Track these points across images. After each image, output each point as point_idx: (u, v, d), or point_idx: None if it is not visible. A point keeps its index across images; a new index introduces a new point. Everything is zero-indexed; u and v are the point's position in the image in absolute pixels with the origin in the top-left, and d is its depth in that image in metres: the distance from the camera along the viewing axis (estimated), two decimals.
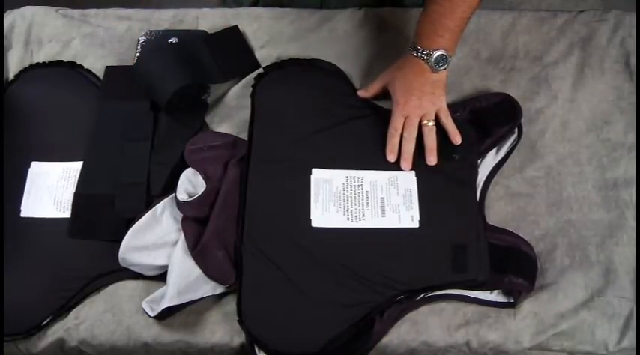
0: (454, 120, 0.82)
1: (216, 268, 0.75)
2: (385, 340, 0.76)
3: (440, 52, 0.77)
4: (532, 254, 0.78)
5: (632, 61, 0.91)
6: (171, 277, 0.74)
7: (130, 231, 0.76)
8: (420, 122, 0.81)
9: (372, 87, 0.86)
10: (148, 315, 0.73)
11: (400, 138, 0.81)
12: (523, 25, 0.94)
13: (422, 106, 0.80)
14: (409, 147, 0.81)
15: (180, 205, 0.76)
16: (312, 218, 0.78)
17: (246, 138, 0.84)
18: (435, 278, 0.76)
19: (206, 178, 0.78)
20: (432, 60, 0.78)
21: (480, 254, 0.76)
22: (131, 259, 0.76)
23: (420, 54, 0.78)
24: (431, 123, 0.81)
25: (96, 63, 0.93)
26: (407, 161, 0.81)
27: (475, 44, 0.92)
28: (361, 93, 0.87)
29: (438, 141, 0.82)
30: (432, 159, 0.81)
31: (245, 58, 0.91)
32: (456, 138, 0.81)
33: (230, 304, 0.77)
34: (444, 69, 0.79)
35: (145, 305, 0.74)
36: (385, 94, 0.85)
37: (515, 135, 0.85)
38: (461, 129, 0.82)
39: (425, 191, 0.80)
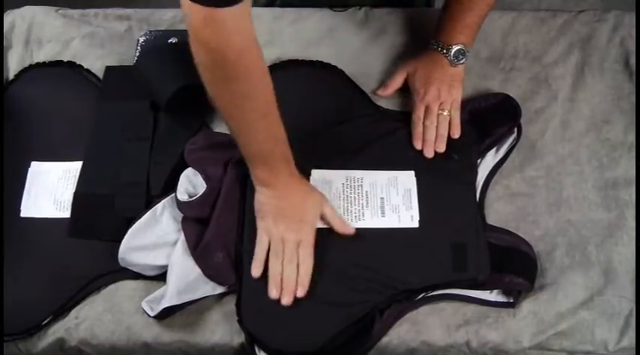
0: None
1: (216, 268, 0.75)
2: (385, 340, 0.76)
3: (458, 47, 0.81)
4: (532, 254, 0.78)
5: (632, 60, 0.91)
6: (171, 277, 0.74)
7: (129, 231, 0.76)
8: None
9: (392, 82, 0.88)
10: (148, 315, 0.73)
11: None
12: (523, 25, 0.94)
13: (440, 96, 0.83)
14: (430, 135, 0.83)
15: (180, 205, 0.76)
16: None
17: None
18: (434, 278, 0.76)
19: (206, 178, 0.78)
20: (452, 54, 0.82)
21: (480, 253, 0.76)
22: (131, 259, 0.76)
23: (440, 48, 0.82)
24: (445, 113, 0.83)
25: (96, 63, 0.93)
26: (430, 148, 0.83)
27: (475, 44, 0.91)
28: (381, 92, 0.88)
29: None
30: (441, 146, 0.83)
31: None
32: (455, 132, 0.83)
33: (230, 304, 0.77)
34: (462, 63, 0.83)
35: (144, 305, 0.74)
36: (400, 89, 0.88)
37: (514, 135, 0.85)
38: (461, 128, 0.83)
39: (424, 191, 0.80)
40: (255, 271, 0.74)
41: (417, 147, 0.83)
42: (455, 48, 0.81)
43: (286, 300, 0.73)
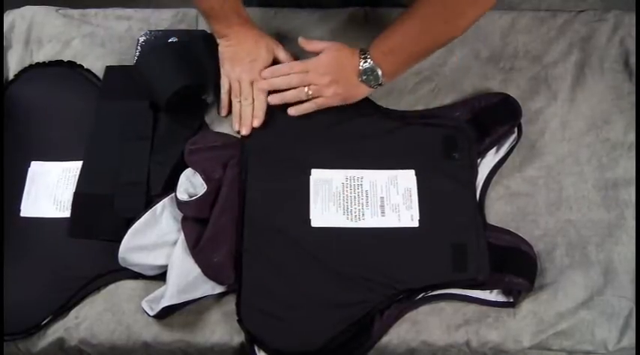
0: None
1: (215, 268, 0.75)
2: (385, 339, 0.76)
3: (373, 66, 0.78)
4: (532, 253, 0.78)
5: (632, 60, 0.91)
6: (170, 276, 0.74)
7: (129, 231, 0.76)
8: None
9: (318, 44, 0.84)
10: (148, 314, 0.74)
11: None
12: (523, 24, 0.94)
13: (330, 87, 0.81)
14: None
15: (180, 205, 0.76)
16: (311, 218, 0.78)
17: None
18: (434, 277, 0.76)
19: (206, 179, 0.78)
20: (362, 67, 0.79)
21: (480, 253, 0.76)
22: (131, 259, 0.76)
23: (363, 54, 0.79)
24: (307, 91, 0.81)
25: (96, 62, 0.93)
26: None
27: (475, 44, 0.92)
28: (304, 43, 0.84)
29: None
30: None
31: None
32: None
33: (230, 303, 0.77)
34: (370, 85, 0.80)
35: (144, 305, 0.74)
36: None
37: (514, 135, 0.85)
38: (461, 128, 0.83)
39: (424, 190, 0.80)
40: (223, 111, 0.87)
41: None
42: (369, 64, 0.78)
43: (244, 131, 0.84)
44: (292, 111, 0.83)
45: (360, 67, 0.79)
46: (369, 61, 0.78)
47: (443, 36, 0.76)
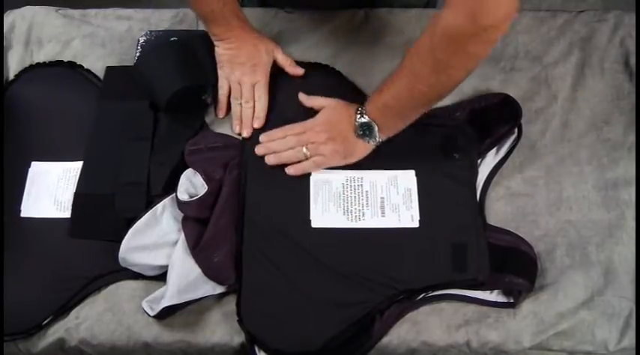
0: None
1: (216, 268, 0.75)
2: (385, 340, 0.76)
3: (369, 121, 0.76)
4: (532, 254, 0.78)
5: (632, 60, 0.91)
6: (171, 276, 0.74)
7: (130, 231, 0.76)
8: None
9: (315, 100, 0.84)
10: (148, 315, 0.73)
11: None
12: (523, 24, 0.94)
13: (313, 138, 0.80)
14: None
15: (180, 205, 0.76)
16: (311, 218, 0.78)
17: None
18: (434, 278, 0.76)
19: (206, 179, 0.78)
20: (358, 122, 0.77)
21: (480, 253, 0.76)
22: (131, 259, 0.76)
23: (360, 108, 0.77)
24: (306, 151, 0.79)
25: (96, 63, 0.93)
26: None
27: None
28: (302, 98, 0.85)
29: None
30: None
31: None
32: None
33: (230, 304, 0.77)
34: (366, 140, 0.78)
35: (144, 305, 0.74)
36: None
37: (515, 135, 0.85)
38: (462, 128, 0.83)
39: (425, 190, 0.80)
40: (220, 113, 0.87)
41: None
42: (365, 119, 0.76)
43: (245, 133, 0.84)
44: (291, 170, 0.80)
45: (356, 122, 0.77)
46: (365, 116, 0.76)
47: (436, 88, 0.71)
